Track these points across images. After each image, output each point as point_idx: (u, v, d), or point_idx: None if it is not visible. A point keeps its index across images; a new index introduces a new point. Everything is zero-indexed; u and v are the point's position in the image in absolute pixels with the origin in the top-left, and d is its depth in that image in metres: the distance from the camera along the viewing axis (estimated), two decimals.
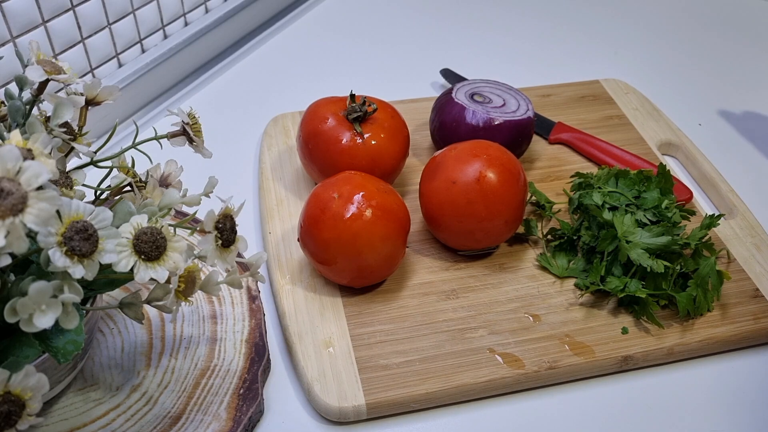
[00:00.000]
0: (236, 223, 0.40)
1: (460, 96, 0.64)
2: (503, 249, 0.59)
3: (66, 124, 0.40)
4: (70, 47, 0.66)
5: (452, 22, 0.92)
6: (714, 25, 0.93)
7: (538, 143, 0.71)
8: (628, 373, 0.52)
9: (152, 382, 0.47)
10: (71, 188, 0.39)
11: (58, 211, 0.32)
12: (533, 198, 0.63)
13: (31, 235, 0.32)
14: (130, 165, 0.43)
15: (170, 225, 0.37)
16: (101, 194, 0.44)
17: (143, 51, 0.74)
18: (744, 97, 0.80)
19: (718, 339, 0.53)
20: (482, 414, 0.50)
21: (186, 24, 0.79)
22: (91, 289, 0.40)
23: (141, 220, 0.35)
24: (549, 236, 0.60)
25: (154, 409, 0.46)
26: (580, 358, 0.51)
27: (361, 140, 0.58)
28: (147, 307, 0.50)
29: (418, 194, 0.63)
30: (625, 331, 0.53)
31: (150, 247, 0.35)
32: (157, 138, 0.44)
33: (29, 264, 0.38)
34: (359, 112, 0.58)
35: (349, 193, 0.52)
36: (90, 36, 0.67)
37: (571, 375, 0.51)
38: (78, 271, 0.32)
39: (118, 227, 0.34)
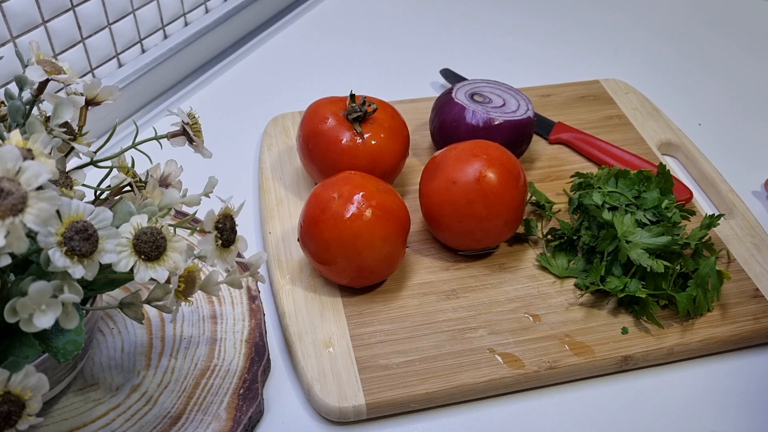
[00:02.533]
0: (236, 223, 0.40)
1: (460, 96, 0.64)
2: (503, 249, 0.59)
3: (66, 124, 0.40)
4: (70, 47, 0.66)
5: (452, 22, 0.92)
6: (714, 26, 0.93)
7: (538, 143, 0.71)
8: (628, 373, 0.52)
9: (152, 382, 0.47)
10: (71, 188, 0.39)
11: (58, 211, 0.32)
12: (533, 198, 0.63)
13: (31, 235, 0.32)
14: (130, 165, 0.43)
15: (170, 225, 0.37)
16: (101, 194, 0.44)
17: (143, 51, 0.74)
18: (744, 97, 0.80)
19: (718, 339, 0.53)
20: (482, 414, 0.50)
21: (186, 24, 0.79)
22: (91, 289, 0.40)
23: (141, 220, 0.35)
24: (549, 236, 0.60)
25: (154, 409, 0.46)
26: (580, 358, 0.51)
27: (361, 140, 0.58)
28: (147, 307, 0.50)
29: (418, 194, 0.63)
30: (625, 331, 0.53)
31: (150, 247, 0.35)
32: (157, 138, 0.44)
33: (29, 264, 0.38)
34: (359, 112, 0.59)
35: (349, 193, 0.52)
36: (90, 36, 0.67)
37: (571, 375, 0.51)
38: (78, 271, 0.32)
39: (118, 227, 0.34)
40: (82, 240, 0.32)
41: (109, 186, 0.43)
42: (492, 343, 0.52)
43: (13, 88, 0.41)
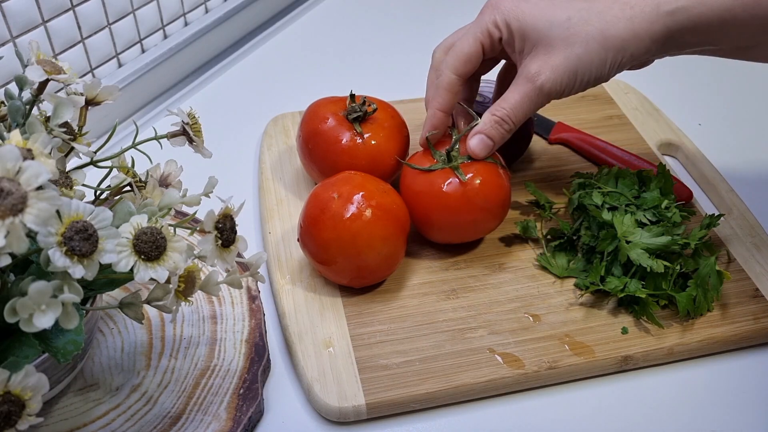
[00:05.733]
0: (236, 223, 0.40)
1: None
2: (503, 249, 0.59)
3: (66, 124, 0.40)
4: (70, 47, 0.66)
5: (452, 22, 0.92)
6: None
7: (538, 143, 0.71)
8: (628, 373, 0.52)
9: (152, 382, 0.47)
10: (71, 188, 0.39)
11: (58, 211, 0.32)
12: (533, 198, 0.63)
13: (31, 235, 0.32)
14: (130, 165, 0.43)
15: (170, 225, 0.37)
16: (101, 194, 0.44)
17: (143, 51, 0.74)
18: (744, 97, 0.80)
19: (718, 339, 0.53)
20: (482, 414, 0.50)
21: (186, 24, 0.79)
22: (91, 289, 0.40)
23: (141, 220, 0.35)
24: (549, 236, 0.60)
25: (154, 409, 0.46)
26: (580, 358, 0.51)
27: (361, 140, 0.58)
28: (147, 307, 0.50)
29: None
30: (625, 331, 0.53)
31: (150, 247, 0.35)
32: (157, 138, 0.44)
33: (29, 264, 0.38)
34: (359, 112, 0.59)
35: (349, 193, 0.52)
36: (90, 36, 0.67)
37: (571, 375, 0.51)
38: (78, 271, 0.32)
39: (118, 227, 0.34)
40: (82, 240, 0.32)
41: (109, 186, 0.43)
42: (492, 343, 0.52)
43: (13, 88, 0.41)
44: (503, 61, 0.60)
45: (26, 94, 0.41)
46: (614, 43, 0.49)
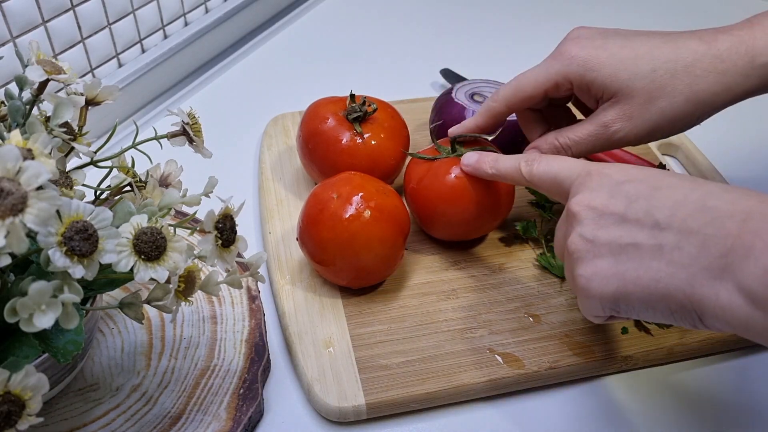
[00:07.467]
0: (236, 223, 0.40)
1: (460, 96, 0.64)
2: (503, 249, 0.59)
3: (66, 124, 0.40)
4: (70, 47, 0.66)
5: (452, 22, 0.92)
6: (714, 25, 0.93)
7: None
8: (628, 373, 0.52)
9: (152, 382, 0.47)
10: (71, 188, 0.39)
11: (58, 211, 0.32)
12: (533, 198, 0.63)
13: (31, 235, 0.32)
14: (130, 165, 0.43)
15: (170, 225, 0.37)
16: (101, 194, 0.44)
17: (143, 51, 0.74)
18: None
19: (718, 339, 0.53)
20: (482, 414, 0.50)
21: (186, 24, 0.79)
22: (91, 289, 0.40)
23: (141, 220, 0.35)
24: (549, 236, 0.60)
25: (154, 409, 0.46)
26: (580, 358, 0.51)
27: (361, 140, 0.58)
28: (147, 307, 0.50)
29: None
30: (625, 331, 0.53)
31: (150, 247, 0.35)
32: (157, 138, 0.44)
33: (29, 264, 0.38)
34: (359, 112, 0.59)
35: (348, 193, 0.52)
36: (90, 36, 0.67)
37: (571, 375, 0.51)
38: (78, 271, 0.32)
39: (118, 227, 0.34)
40: (82, 240, 0.32)
41: (109, 186, 0.43)
42: (492, 343, 0.52)
43: (13, 88, 0.41)
44: None
45: (26, 94, 0.41)
46: (704, 98, 0.48)
